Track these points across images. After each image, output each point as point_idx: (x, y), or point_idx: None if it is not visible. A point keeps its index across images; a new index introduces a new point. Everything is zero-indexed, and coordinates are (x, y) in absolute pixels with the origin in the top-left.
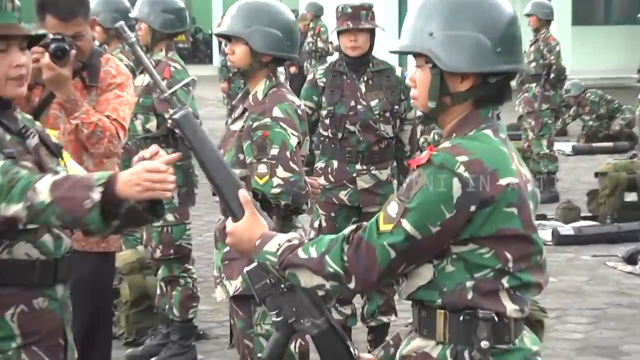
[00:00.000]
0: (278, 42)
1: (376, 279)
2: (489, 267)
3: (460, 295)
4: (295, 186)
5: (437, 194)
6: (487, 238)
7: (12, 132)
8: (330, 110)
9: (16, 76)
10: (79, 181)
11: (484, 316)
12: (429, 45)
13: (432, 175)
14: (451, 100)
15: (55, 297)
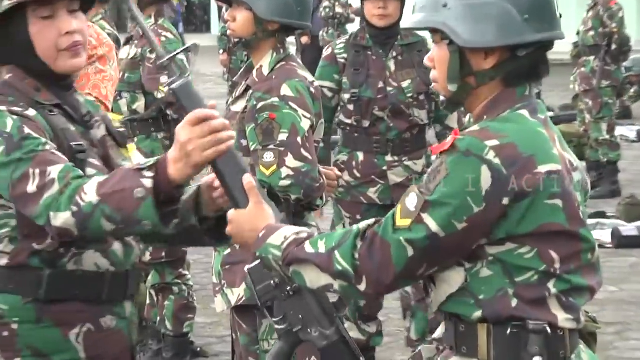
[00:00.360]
0: (287, 7)
1: (390, 280)
2: (532, 270)
3: (502, 303)
4: (308, 177)
5: (463, 185)
6: (527, 236)
7: (75, 121)
8: (354, 94)
9: (67, 46)
10: (127, 172)
11: (535, 328)
12: (443, 18)
13: (457, 163)
14: (476, 80)
15: (124, 315)
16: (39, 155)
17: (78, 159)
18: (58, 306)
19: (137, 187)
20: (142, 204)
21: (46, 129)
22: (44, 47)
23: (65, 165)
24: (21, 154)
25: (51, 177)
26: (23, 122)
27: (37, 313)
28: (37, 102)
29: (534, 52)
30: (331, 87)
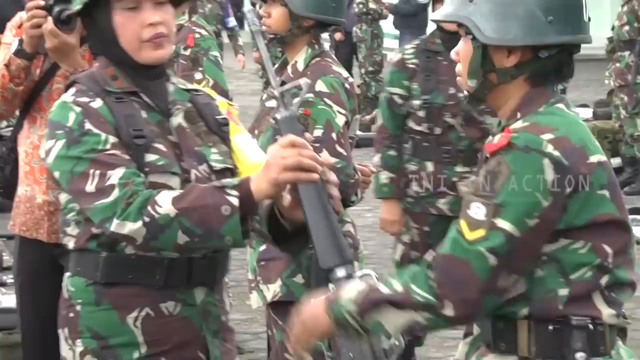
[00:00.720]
0: (322, 2)
1: (475, 295)
2: (587, 265)
3: (551, 302)
4: (343, 173)
5: (529, 181)
6: (581, 229)
7: (152, 109)
8: (425, 100)
9: (150, 37)
10: (206, 189)
11: (579, 323)
12: (469, 13)
13: (518, 159)
14: (497, 77)
15: (192, 302)
16: (98, 156)
17: (135, 143)
18: (116, 289)
19: (223, 204)
20: (228, 221)
21: (108, 119)
22: (127, 37)
23: (126, 170)
24: (80, 152)
25: (110, 182)
26: (85, 116)
27: (97, 295)
28: (108, 90)
29: (558, 54)
30: (401, 93)
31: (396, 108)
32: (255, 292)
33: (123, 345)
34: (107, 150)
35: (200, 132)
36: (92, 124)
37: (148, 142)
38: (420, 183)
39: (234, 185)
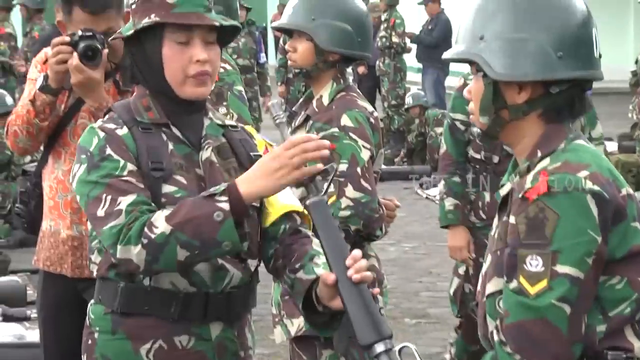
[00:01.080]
0: (348, 37)
1: (565, 348)
2: (626, 300)
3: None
4: (367, 208)
5: (581, 220)
6: (618, 262)
7: (181, 141)
8: None
9: (195, 73)
10: (195, 201)
11: (614, 357)
12: (479, 50)
13: (563, 202)
14: (509, 114)
15: (208, 337)
16: (113, 181)
17: (153, 175)
18: (131, 319)
19: (215, 211)
20: (222, 226)
21: (130, 147)
22: (173, 70)
23: (137, 197)
24: (98, 176)
25: (119, 207)
26: (107, 141)
27: (113, 324)
28: (138, 120)
29: (569, 90)
30: (463, 119)
31: (459, 134)
32: (279, 327)
33: None
34: (122, 177)
35: (230, 168)
36: (113, 150)
37: (167, 174)
38: (477, 213)
39: (222, 190)
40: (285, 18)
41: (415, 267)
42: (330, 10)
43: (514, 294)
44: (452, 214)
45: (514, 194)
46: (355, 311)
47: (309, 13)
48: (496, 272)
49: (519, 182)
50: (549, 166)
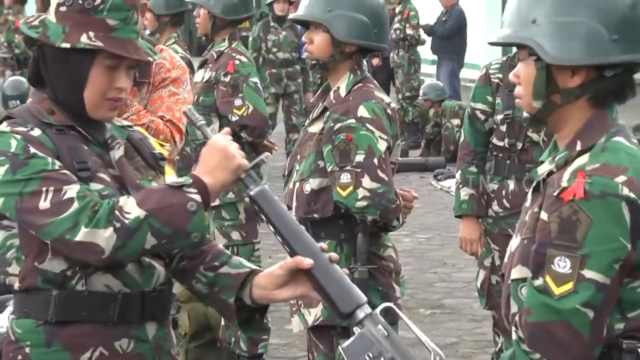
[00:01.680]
0: (364, 29)
1: (586, 351)
2: None
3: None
4: (384, 198)
5: (613, 227)
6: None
7: (91, 142)
8: (507, 115)
9: (112, 98)
10: (166, 190)
11: (629, 347)
12: (532, 34)
13: (597, 207)
14: (561, 98)
15: (145, 338)
16: (49, 174)
17: (80, 176)
18: (68, 329)
19: (189, 202)
20: (194, 217)
21: (50, 148)
22: (94, 91)
23: (81, 186)
24: (29, 173)
25: (69, 196)
26: (27, 141)
27: (47, 336)
28: (46, 122)
29: (621, 73)
30: (484, 109)
31: (479, 124)
32: (296, 316)
33: None
34: (57, 171)
35: (140, 167)
36: (36, 149)
37: (93, 173)
38: (500, 202)
39: (190, 183)
40: (302, 10)
41: (430, 258)
42: (347, 2)
43: (538, 292)
44: (466, 203)
45: (548, 188)
46: (333, 287)
47: (325, 4)
48: (521, 260)
49: (555, 177)
50: (587, 166)
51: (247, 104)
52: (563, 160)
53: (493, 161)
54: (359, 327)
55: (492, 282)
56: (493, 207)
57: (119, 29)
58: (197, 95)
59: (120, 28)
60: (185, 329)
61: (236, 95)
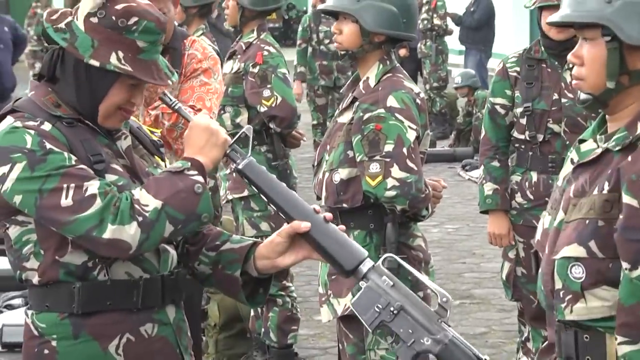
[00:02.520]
0: (393, 18)
1: None
2: None
3: None
4: (413, 188)
5: None
6: None
7: (99, 134)
8: (527, 107)
9: (124, 110)
10: (170, 176)
11: None
12: (607, 14)
13: None
14: (629, 79)
15: (167, 321)
16: (68, 170)
17: (95, 169)
18: (94, 319)
19: (194, 184)
20: (201, 198)
21: (63, 142)
22: (111, 103)
23: (101, 181)
24: (48, 170)
25: (90, 193)
26: (41, 137)
27: (74, 328)
28: (55, 116)
29: None
30: (503, 103)
31: (499, 118)
32: (325, 306)
33: None
34: (75, 166)
35: (143, 155)
36: (52, 144)
37: (107, 164)
38: (524, 194)
39: (190, 166)
40: (331, 0)
41: (459, 248)
42: None
43: (630, 273)
44: (490, 198)
45: (622, 172)
46: (333, 246)
47: None
48: (579, 239)
49: (630, 161)
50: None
51: (276, 94)
52: (624, 141)
53: (515, 154)
54: (364, 282)
55: (518, 274)
56: (516, 199)
57: (147, 51)
58: (226, 86)
59: (148, 50)
60: (215, 319)
61: (265, 86)
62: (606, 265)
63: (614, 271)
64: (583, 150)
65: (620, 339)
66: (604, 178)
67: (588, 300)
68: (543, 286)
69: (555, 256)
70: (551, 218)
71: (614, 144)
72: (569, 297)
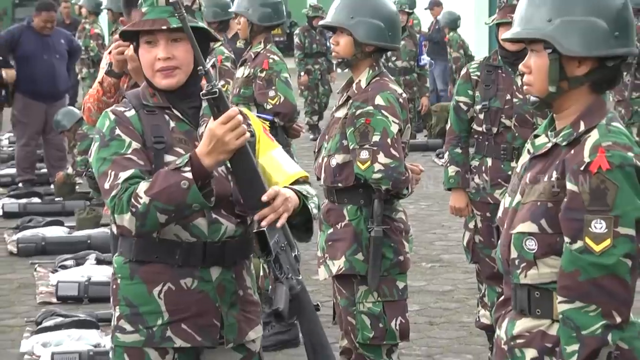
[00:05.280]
0: (381, 32)
1: (631, 295)
2: None
3: None
4: (395, 172)
5: (632, 190)
6: None
7: (182, 120)
8: (484, 105)
9: (160, 68)
10: (166, 171)
11: None
12: (549, 31)
13: (620, 176)
14: (568, 84)
15: (209, 279)
16: (117, 158)
17: (155, 148)
18: (145, 267)
19: (182, 180)
20: (189, 192)
21: (136, 126)
22: (145, 66)
23: (133, 172)
24: (106, 154)
25: (119, 181)
26: (117, 123)
27: (131, 271)
28: (144, 104)
29: (617, 64)
30: (466, 101)
31: (462, 114)
32: (322, 267)
33: (150, 312)
34: (126, 155)
35: None
36: (122, 131)
37: (168, 146)
38: (481, 176)
39: (186, 162)
40: (329, 17)
41: (430, 221)
42: (366, 10)
43: (579, 254)
44: (453, 179)
45: (569, 163)
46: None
47: (348, 13)
48: (531, 217)
49: (573, 154)
50: (602, 143)
51: (279, 94)
52: (569, 138)
53: (475, 142)
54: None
55: (476, 241)
56: (475, 180)
57: (149, 13)
58: (239, 88)
59: (149, 12)
60: None
61: (270, 87)
62: (554, 239)
63: (561, 244)
64: (537, 144)
65: (560, 298)
66: (553, 168)
67: (539, 268)
68: (501, 255)
69: (512, 231)
70: (510, 199)
71: (561, 140)
72: (523, 264)
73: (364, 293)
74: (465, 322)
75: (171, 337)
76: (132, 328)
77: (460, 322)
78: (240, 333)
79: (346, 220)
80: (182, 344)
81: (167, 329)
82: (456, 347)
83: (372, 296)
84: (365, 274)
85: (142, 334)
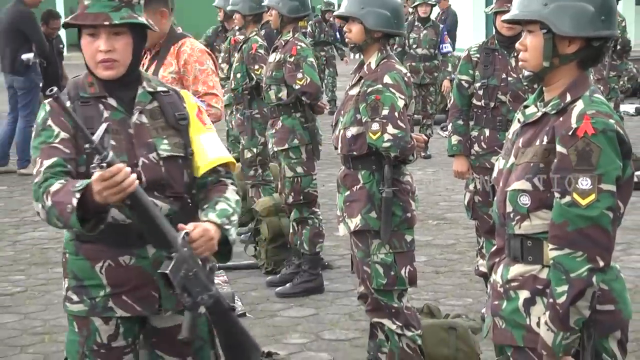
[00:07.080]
0: (387, 20)
1: (612, 242)
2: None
3: None
4: (402, 141)
5: (614, 152)
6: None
7: (116, 109)
8: (483, 83)
9: (100, 60)
10: (67, 187)
11: None
12: (545, 13)
13: (602, 139)
14: (559, 61)
15: (145, 255)
16: (45, 147)
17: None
18: (87, 245)
19: (69, 203)
20: (71, 216)
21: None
22: (87, 58)
23: (56, 160)
24: (37, 143)
25: (41, 169)
26: (50, 114)
27: (76, 248)
28: (80, 95)
29: (602, 44)
30: (467, 79)
31: (463, 90)
32: (342, 224)
33: (93, 285)
34: (53, 144)
35: (158, 127)
36: (53, 121)
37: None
38: (479, 144)
39: (80, 189)
40: (343, 8)
41: (436, 185)
42: (375, 1)
43: (568, 207)
44: (455, 146)
45: (559, 128)
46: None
47: (359, 4)
48: (525, 176)
49: (561, 121)
50: (587, 111)
51: (306, 76)
52: (557, 107)
53: (474, 115)
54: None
55: (475, 201)
56: (474, 148)
57: (91, 7)
58: (271, 71)
59: (92, 6)
60: (265, 235)
61: (298, 70)
62: (545, 195)
63: (551, 199)
64: (527, 113)
65: (551, 246)
66: (544, 133)
67: (532, 220)
68: (497, 209)
69: (508, 188)
70: (504, 162)
71: (550, 109)
72: (517, 217)
73: (377, 246)
74: (466, 271)
75: (112, 307)
76: (78, 299)
77: (462, 271)
78: (179, 302)
79: (361, 184)
80: (122, 314)
81: (109, 300)
82: (458, 292)
83: (384, 248)
84: (378, 229)
85: (87, 304)
